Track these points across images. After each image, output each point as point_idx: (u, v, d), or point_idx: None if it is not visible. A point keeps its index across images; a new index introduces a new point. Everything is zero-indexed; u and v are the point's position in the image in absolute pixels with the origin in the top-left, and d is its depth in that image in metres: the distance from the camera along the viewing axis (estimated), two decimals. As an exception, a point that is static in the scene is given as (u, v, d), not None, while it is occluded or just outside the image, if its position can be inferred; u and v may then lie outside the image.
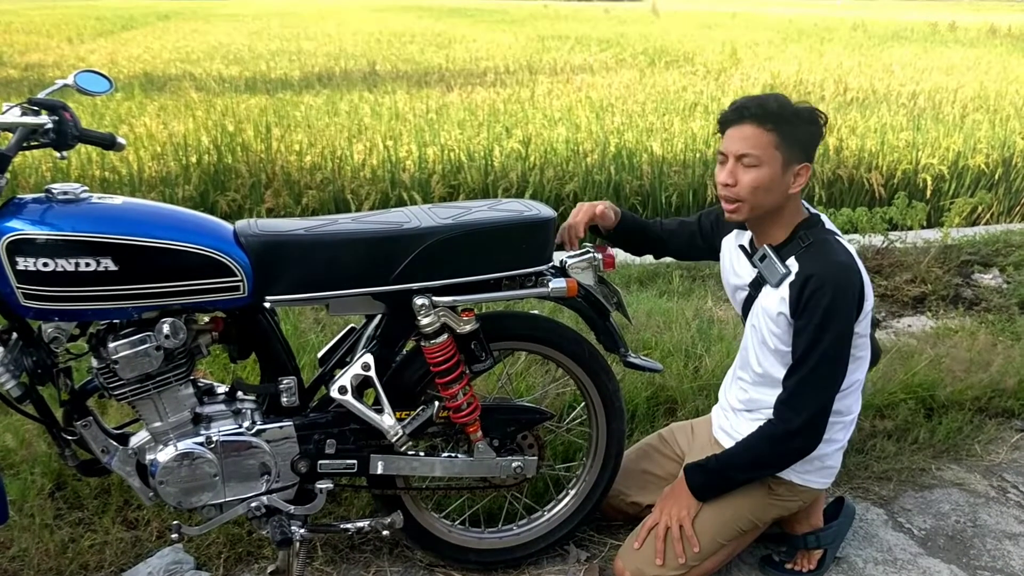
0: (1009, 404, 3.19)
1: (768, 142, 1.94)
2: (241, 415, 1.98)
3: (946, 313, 4.14)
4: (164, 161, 5.99)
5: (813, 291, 1.95)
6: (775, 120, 1.94)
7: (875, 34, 21.07)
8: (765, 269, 2.08)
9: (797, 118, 1.96)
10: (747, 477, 2.14)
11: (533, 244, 2.01)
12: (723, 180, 2.01)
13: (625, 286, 4.25)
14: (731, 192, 2.01)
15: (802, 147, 1.98)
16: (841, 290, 1.95)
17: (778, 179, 1.97)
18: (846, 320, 1.98)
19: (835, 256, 1.99)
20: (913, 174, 6.47)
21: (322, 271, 1.87)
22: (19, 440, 2.55)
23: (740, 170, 1.97)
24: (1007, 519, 2.58)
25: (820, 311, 1.94)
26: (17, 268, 1.64)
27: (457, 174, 6.00)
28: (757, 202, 2.00)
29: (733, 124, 1.99)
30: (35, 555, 2.18)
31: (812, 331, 1.96)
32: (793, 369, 2.03)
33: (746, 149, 1.95)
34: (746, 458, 2.11)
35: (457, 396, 2.03)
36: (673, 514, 2.15)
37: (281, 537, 1.96)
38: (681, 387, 3.03)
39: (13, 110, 1.73)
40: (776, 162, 1.95)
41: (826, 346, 1.97)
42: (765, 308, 2.07)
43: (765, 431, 2.08)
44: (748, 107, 1.96)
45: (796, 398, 2.02)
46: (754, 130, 1.95)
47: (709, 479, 2.14)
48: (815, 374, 1.99)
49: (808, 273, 1.97)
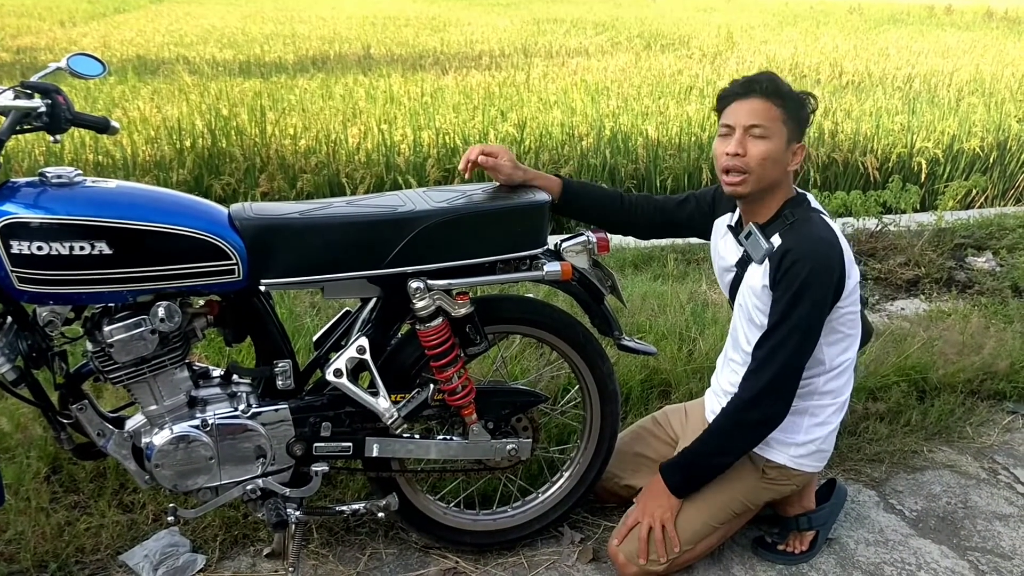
0: (1001, 387, 3.21)
1: (776, 116, 1.99)
2: (236, 398, 1.99)
3: (939, 296, 4.15)
4: (158, 145, 5.96)
5: (792, 263, 1.96)
6: (782, 96, 2.01)
7: (871, 17, 21.01)
8: (750, 246, 2.09)
9: (796, 98, 2.03)
10: (720, 462, 2.13)
11: (528, 228, 2.01)
12: (732, 150, 2.01)
13: (620, 269, 4.26)
14: (739, 162, 2.01)
15: (800, 126, 2.04)
16: (819, 264, 1.96)
17: (783, 153, 2.01)
18: (821, 294, 1.98)
19: (816, 231, 2.01)
20: (908, 157, 6.48)
21: (317, 254, 1.87)
22: (15, 424, 2.56)
23: (749, 141, 2.00)
24: (998, 500, 2.61)
25: (796, 283, 1.96)
26: (11, 252, 1.64)
27: (452, 158, 5.98)
28: (764, 173, 2.01)
29: (740, 98, 2.02)
30: (31, 538, 2.18)
31: (786, 302, 1.98)
32: (763, 339, 2.04)
33: (757, 120, 1.99)
34: (714, 443, 2.12)
35: (452, 379, 2.04)
36: (656, 516, 2.15)
37: (277, 520, 1.96)
38: (675, 370, 3.04)
39: (6, 93, 1.72)
40: (782, 136, 2.00)
41: (797, 318, 1.98)
42: (751, 285, 2.08)
43: (729, 409, 2.09)
44: (759, 81, 2.01)
45: (762, 366, 2.03)
46: (763, 103, 2.00)
47: (685, 475, 2.15)
48: (783, 344, 2.00)
49: (788, 246, 1.99)
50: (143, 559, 2.16)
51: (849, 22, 19.19)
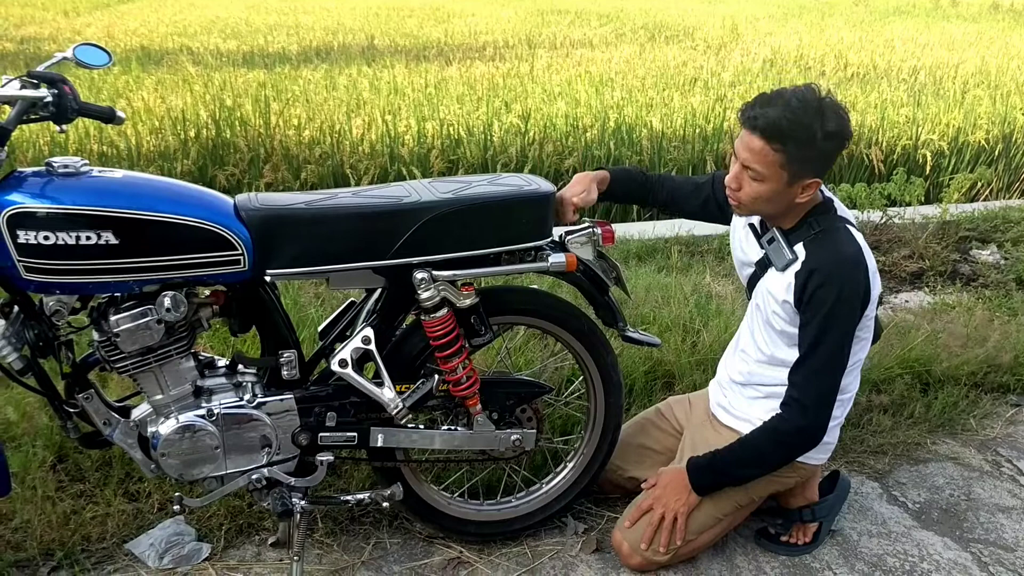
0: (1005, 379, 3.21)
1: (774, 160, 1.89)
2: (242, 388, 1.99)
3: (943, 289, 4.15)
4: (162, 135, 5.96)
5: (818, 286, 1.95)
6: (783, 140, 1.86)
7: (876, 9, 20.91)
8: (772, 252, 2.07)
9: (809, 137, 1.86)
10: (751, 474, 2.15)
11: (533, 219, 2.01)
12: (727, 181, 2.00)
13: (624, 261, 4.25)
14: (733, 196, 2.01)
15: (812, 165, 1.92)
16: (846, 288, 1.95)
17: (782, 192, 1.95)
18: (850, 315, 1.98)
19: (842, 248, 1.98)
20: (913, 150, 6.45)
21: (322, 245, 1.87)
22: (21, 413, 2.56)
23: (744, 178, 1.95)
24: (1001, 493, 2.61)
25: (825, 307, 1.95)
26: (18, 241, 1.64)
27: (456, 149, 5.97)
28: (757, 209, 2.02)
29: (745, 128, 1.92)
30: (37, 527, 2.20)
31: (817, 327, 1.97)
32: (798, 365, 2.04)
33: (751, 163, 1.92)
34: (748, 456, 2.13)
35: (457, 370, 2.04)
36: (670, 506, 2.16)
37: (282, 509, 1.97)
38: (679, 361, 3.04)
39: (12, 83, 1.72)
40: (780, 179, 1.92)
41: (830, 342, 1.98)
42: (770, 291, 2.07)
43: (769, 427, 2.09)
44: (758, 120, 1.87)
45: (803, 394, 2.03)
46: (762, 145, 1.88)
47: (714, 480, 2.16)
48: (820, 372, 2.01)
49: (813, 266, 1.96)
50: (149, 548, 2.17)
51: (855, 14, 19.11)
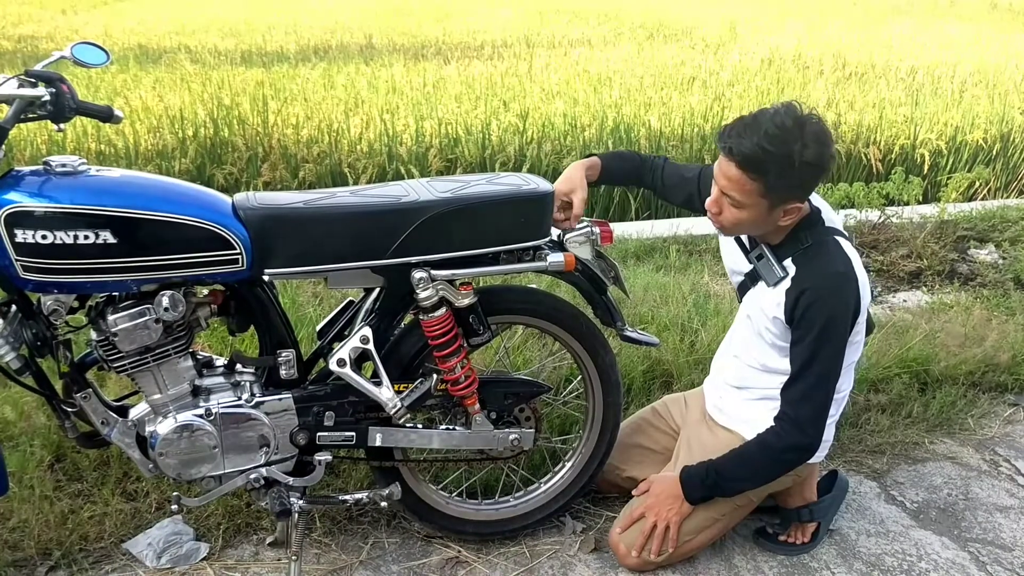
0: (1003, 379, 3.21)
1: (752, 189, 1.88)
2: (240, 387, 1.99)
3: (941, 288, 4.15)
4: (160, 134, 5.95)
5: (809, 304, 1.94)
6: (760, 170, 1.84)
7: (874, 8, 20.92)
8: (762, 268, 2.07)
9: (787, 166, 1.83)
10: (745, 487, 2.16)
11: (531, 218, 2.01)
12: (708, 205, 2.00)
13: (622, 260, 4.25)
14: (715, 219, 2.01)
15: (793, 191, 1.91)
16: (837, 307, 1.95)
17: (763, 218, 1.95)
18: (842, 332, 1.99)
19: (832, 265, 1.97)
20: (911, 149, 6.45)
21: (321, 244, 1.87)
22: (18, 412, 2.56)
23: (724, 203, 1.95)
24: (998, 492, 2.61)
25: (817, 327, 1.95)
26: (16, 240, 1.64)
27: (454, 148, 5.97)
28: (741, 232, 2.03)
29: (723, 154, 1.89)
30: (35, 526, 2.19)
31: (809, 346, 1.97)
32: (791, 382, 2.04)
33: (729, 191, 1.91)
34: (743, 471, 2.13)
35: (455, 369, 2.04)
36: (662, 515, 2.16)
37: (280, 508, 1.97)
38: (677, 361, 3.05)
39: (10, 82, 1.72)
40: (760, 207, 1.91)
41: (824, 359, 1.98)
42: (762, 306, 2.07)
43: (764, 442, 2.09)
44: (734, 149, 1.85)
45: (797, 411, 2.03)
46: (739, 175, 1.87)
47: (706, 492, 2.16)
48: (814, 388, 2.01)
49: (804, 284, 1.96)
50: (147, 547, 2.17)
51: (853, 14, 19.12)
